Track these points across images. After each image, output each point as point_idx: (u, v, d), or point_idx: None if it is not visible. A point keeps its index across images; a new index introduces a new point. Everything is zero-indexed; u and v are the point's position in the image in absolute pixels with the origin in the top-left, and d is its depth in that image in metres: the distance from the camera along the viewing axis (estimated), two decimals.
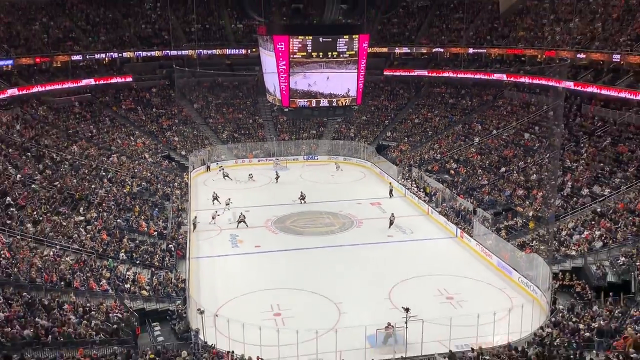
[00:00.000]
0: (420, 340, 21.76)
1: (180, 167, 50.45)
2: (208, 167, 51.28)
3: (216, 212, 38.11)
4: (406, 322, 22.00)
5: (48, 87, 50.44)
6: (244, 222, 36.50)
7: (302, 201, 40.92)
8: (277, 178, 46.58)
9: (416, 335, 21.92)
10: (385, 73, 63.52)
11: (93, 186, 37.92)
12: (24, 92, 47.37)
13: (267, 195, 43.59)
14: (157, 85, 60.87)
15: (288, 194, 42.73)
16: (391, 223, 35.56)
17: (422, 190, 42.29)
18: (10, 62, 48.81)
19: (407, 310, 22.32)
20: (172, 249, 31.68)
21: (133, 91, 59.30)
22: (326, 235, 35.66)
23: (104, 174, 41.28)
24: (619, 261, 26.38)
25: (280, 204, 40.78)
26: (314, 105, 37.08)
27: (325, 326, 22.74)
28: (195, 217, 36.80)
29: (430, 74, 60.93)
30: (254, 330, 21.29)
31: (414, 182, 44.18)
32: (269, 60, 41.05)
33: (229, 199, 39.91)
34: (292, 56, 35.67)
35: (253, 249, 33.38)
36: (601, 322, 20.47)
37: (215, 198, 40.79)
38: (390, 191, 43.13)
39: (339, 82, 39.31)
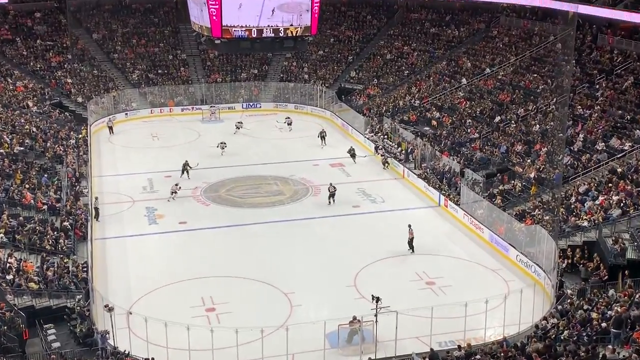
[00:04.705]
0: (394, 337, 22.23)
1: (77, 119, 49.44)
2: (110, 128, 48.97)
3: (177, 185, 36.72)
4: (376, 315, 22.38)
5: None
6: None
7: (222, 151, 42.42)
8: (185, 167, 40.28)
9: (389, 330, 22.35)
10: None
11: None
12: None
13: (195, 155, 43.22)
14: (42, 9, 59.14)
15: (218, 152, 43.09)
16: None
17: (396, 146, 42.69)
18: None
19: (377, 300, 22.69)
20: (69, 227, 31.21)
21: (9, 16, 57.44)
22: (273, 206, 35.73)
23: None
24: None
25: (213, 167, 40.57)
26: (254, 35, 36.36)
27: (273, 323, 22.89)
28: (97, 200, 34.33)
29: None
30: (181, 331, 21.31)
31: (385, 137, 44.52)
32: None
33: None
34: None
35: (177, 226, 33.22)
36: (618, 310, 21.20)
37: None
38: (353, 155, 42.10)
39: (288, 6, 38.85)
